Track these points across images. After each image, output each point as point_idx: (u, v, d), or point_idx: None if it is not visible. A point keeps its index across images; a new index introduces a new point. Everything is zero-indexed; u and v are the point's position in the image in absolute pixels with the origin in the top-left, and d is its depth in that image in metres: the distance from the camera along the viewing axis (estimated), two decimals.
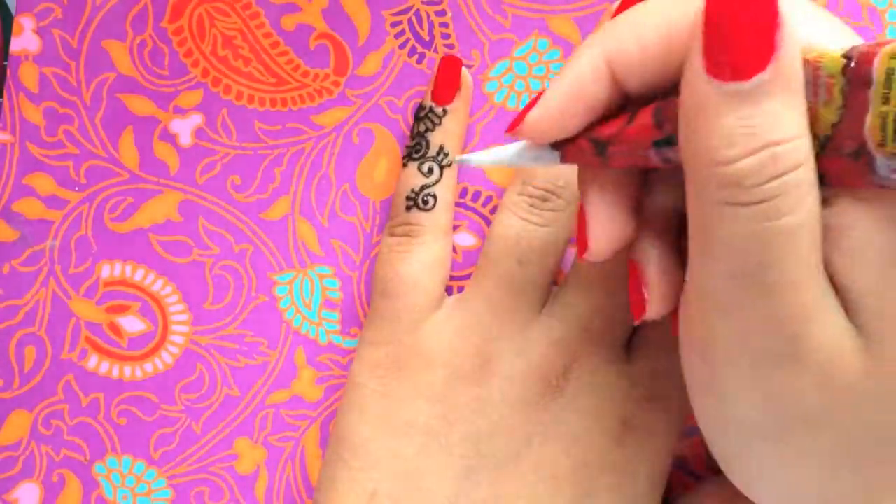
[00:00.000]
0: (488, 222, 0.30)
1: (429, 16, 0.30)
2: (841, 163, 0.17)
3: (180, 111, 0.30)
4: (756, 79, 0.16)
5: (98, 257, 0.31)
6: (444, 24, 0.30)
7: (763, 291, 0.17)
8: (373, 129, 0.30)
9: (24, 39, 0.31)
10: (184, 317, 0.30)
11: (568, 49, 0.30)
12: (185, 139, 0.30)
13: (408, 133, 0.30)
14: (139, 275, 0.31)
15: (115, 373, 0.30)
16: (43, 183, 0.31)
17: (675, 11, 0.19)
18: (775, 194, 0.16)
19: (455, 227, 0.29)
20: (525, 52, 0.30)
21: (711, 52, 0.17)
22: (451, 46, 0.30)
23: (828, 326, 0.18)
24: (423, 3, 0.30)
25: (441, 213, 0.28)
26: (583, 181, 0.21)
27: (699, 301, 0.19)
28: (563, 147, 0.20)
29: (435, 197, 0.28)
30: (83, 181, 0.31)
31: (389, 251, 0.28)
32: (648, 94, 0.20)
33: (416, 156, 0.28)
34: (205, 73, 0.30)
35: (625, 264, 0.22)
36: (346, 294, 0.30)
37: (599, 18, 0.29)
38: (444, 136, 0.28)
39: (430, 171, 0.28)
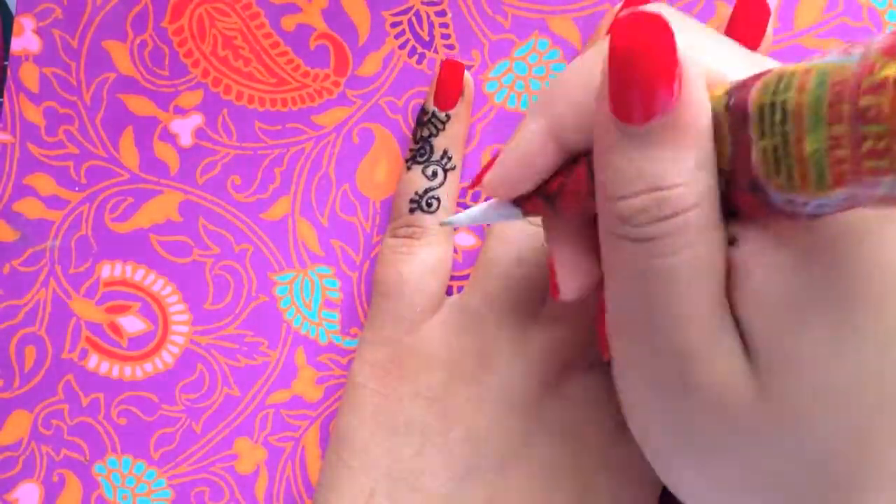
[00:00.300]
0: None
1: (429, 16, 0.30)
2: (745, 196, 0.17)
3: (181, 111, 0.30)
4: (647, 126, 0.17)
5: (98, 257, 0.31)
6: (444, 25, 0.30)
7: (649, 325, 0.18)
8: (373, 130, 0.30)
9: (25, 39, 0.31)
10: (184, 317, 0.30)
11: (568, 49, 0.30)
12: (186, 139, 0.30)
13: (408, 133, 0.30)
14: (139, 275, 0.31)
15: (116, 373, 0.30)
16: (43, 183, 0.31)
17: (597, 67, 0.19)
18: (659, 235, 0.17)
19: (455, 228, 0.30)
20: (525, 52, 0.30)
21: (613, 94, 0.17)
22: (451, 47, 0.30)
23: (717, 365, 0.18)
24: (423, 3, 0.30)
25: (444, 216, 0.28)
26: (546, 231, 0.23)
27: (608, 322, 0.20)
28: (521, 203, 0.22)
29: (438, 200, 0.28)
30: (83, 181, 0.31)
31: (392, 252, 0.28)
32: (591, 146, 0.20)
33: (420, 159, 0.29)
34: (205, 73, 0.30)
35: None
36: (346, 294, 0.30)
37: (599, 19, 0.29)
38: (447, 140, 0.29)
39: (435, 174, 0.28)
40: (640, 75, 0.16)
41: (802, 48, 0.29)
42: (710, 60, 0.18)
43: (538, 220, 0.27)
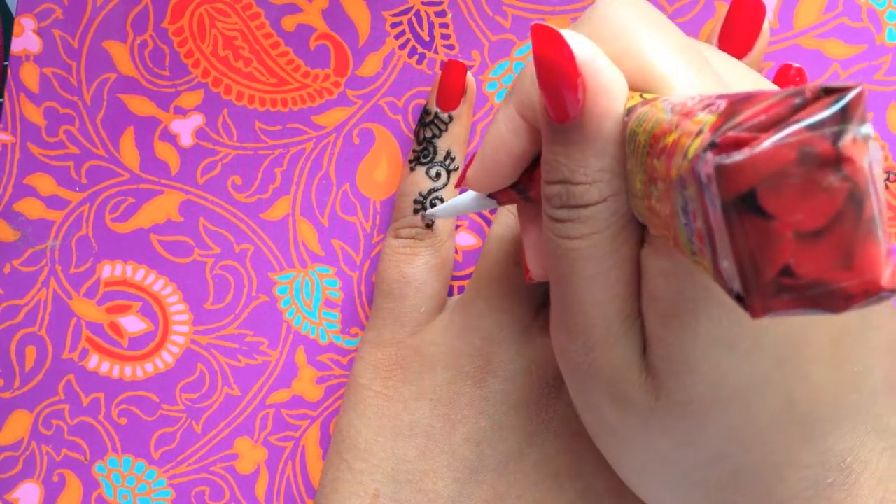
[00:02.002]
0: (488, 223, 0.30)
1: (429, 16, 0.30)
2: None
3: (181, 111, 0.30)
4: (563, 126, 0.18)
5: (99, 257, 0.31)
6: (444, 25, 0.30)
7: (561, 298, 0.20)
8: (373, 130, 0.30)
9: (25, 40, 0.31)
10: (184, 317, 0.30)
11: None
12: (186, 139, 0.31)
13: (408, 133, 0.30)
14: (140, 275, 0.31)
15: (116, 373, 0.30)
16: (44, 183, 0.31)
17: None
18: (567, 219, 0.19)
19: (455, 228, 0.30)
20: (525, 52, 0.30)
21: (540, 92, 0.18)
22: (451, 47, 0.30)
23: (613, 353, 0.19)
24: (423, 3, 0.30)
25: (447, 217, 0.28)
26: (519, 219, 0.23)
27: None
28: (497, 195, 0.23)
29: (442, 200, 0.28)
30: (84, 181, 0.31)
31: (395, 253, 0.28)
32: None
33: (423, 160, 0.29)
34: (205, 73, 0.30)
35: None
36: (347, 294, 0.30)
37: None
38: (450, 141, 0.29)
39: (438, 175, 0.28)
40: (548, 81, 0.18)
41: (802, 48, 0.29)
42: (657, 71, 0.18)
43: None
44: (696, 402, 0.18)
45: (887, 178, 0.29)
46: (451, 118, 0.29)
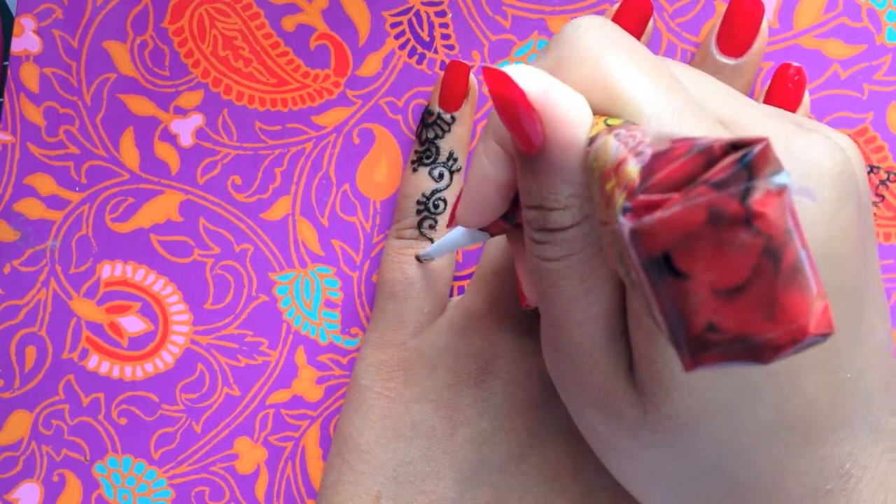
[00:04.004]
0: None
1: (429, 16, 0.30)
2: None
3: (181, 111, 0.30)
4: (530, 156, 0.18)
5: (99, 257, 0.31)
6: (444, 25, 0.30)
7: (546, 316, 0.20)
8: (373, 130, 0.30)
9: (25, 40, 0.31)
10: (184, 317, 0.30)
11: None
12: (186, 139, 0.31)
13: (408, 134, 0.30)
14: (140, 275, 0.31)
15: (116, 373, 0.30)
16: (43, 183, 0.31)
17: None
18: (545, 241, 0.19)
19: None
20: (525, 52, 0.30)
21: (505, 126, 0.18)
22: (451, 47, 0.30)
23: (599, 369, 0.20)
24: (423, 3, 0.30)
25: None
26: (511, 248, 0.24)
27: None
28: (488, 227, 0.23)
29: (445, 202, 0.28)
30: (84, 181, 0.31)
31: (398, 254, 0.28)
32: None
33: (426, 161, 0.29)
34: (205, 73, 0.30)
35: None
36: (347, 294, 0.30)
37: None
38: (453, 141, 0.29)
39: (441, 176, 0.28)
40: (506, 117, 0.18)
41: (802, 48, 0.29)
42: (623, 95, 0.18)
43: None
44: (685, 415, 0.19)
45: (887, 178, 0.29)
46: (453, 119, 0.29)
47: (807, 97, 0.28)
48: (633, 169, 0.13)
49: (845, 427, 0.19)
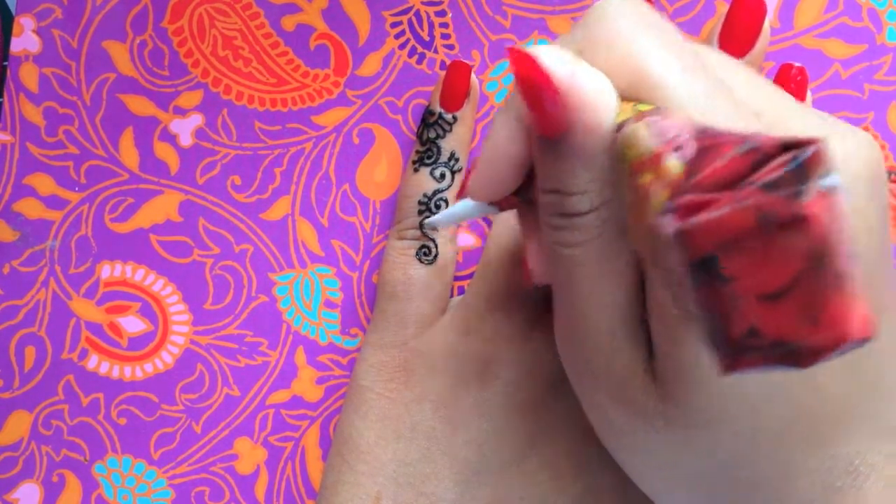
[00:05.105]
0: (489, 224, 0.30)
1: (429, 16, 0.30)
2: None
3: (180, 111, 0.30)
4: (550, 139, 0.18)
5: (98, 257, 0.31)
6: (444, 25, 0.30)
7: (563, 303, 0.20)
8: (373, 130, 0.30)
9: (25, 40, 0.31)
10: (184, 317, 0.30)
11: None
12: (186, 139, 0.30)
13: (408, 133, 0.30)
14: (139, 275, 0.31)
15: (116, 373, 0.30)
16: (43, 183, 0.31)
17: None
18: (563, 226, 0.19)
19: (457, 227, 0.30)
20: None
21: (527, 108, 0.18)
22: (451, 47, 0.30)
23: (617, 358, 0.19)
24: (423, 3, 0.30)
25: None
26: (520, 223, 0.23)
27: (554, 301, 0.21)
28: (498, 201, 0.23)
29: (446, 202, 0.28)
30: (83, 181, 0.31)
31: (399, 255, 0.28)
32: None
33: (428, 161, 0.28)
34: (205, 73, 0.30)
35: None
36: (346, 294, 0.30)
37: None
38: (454, 141, 0.29)
39: (443, 176, 0.28)
40: (529, 100, 0.18)
41: (802, 48, 0.29)
42: (651, 80, 0.18)
43: None
44: (705, 411, 0.18)
45: (888, 178, 0.29)
46: (455, 119, 0.29)
47: (809, 97, 0.28)
48: (674, 164, 0.13)
49: (857, 426, 0.19)
